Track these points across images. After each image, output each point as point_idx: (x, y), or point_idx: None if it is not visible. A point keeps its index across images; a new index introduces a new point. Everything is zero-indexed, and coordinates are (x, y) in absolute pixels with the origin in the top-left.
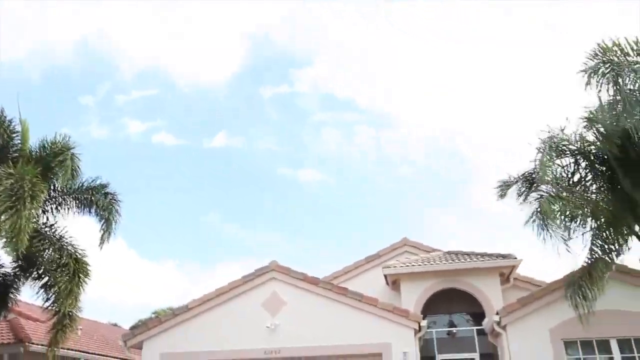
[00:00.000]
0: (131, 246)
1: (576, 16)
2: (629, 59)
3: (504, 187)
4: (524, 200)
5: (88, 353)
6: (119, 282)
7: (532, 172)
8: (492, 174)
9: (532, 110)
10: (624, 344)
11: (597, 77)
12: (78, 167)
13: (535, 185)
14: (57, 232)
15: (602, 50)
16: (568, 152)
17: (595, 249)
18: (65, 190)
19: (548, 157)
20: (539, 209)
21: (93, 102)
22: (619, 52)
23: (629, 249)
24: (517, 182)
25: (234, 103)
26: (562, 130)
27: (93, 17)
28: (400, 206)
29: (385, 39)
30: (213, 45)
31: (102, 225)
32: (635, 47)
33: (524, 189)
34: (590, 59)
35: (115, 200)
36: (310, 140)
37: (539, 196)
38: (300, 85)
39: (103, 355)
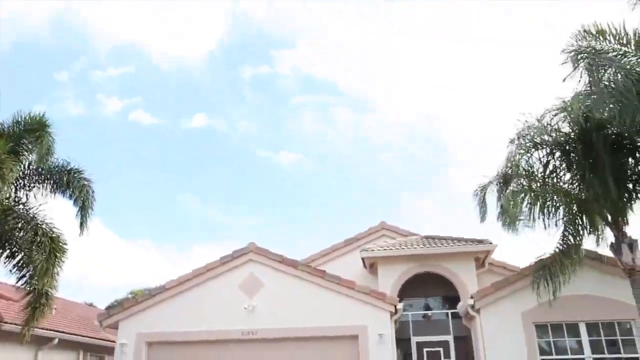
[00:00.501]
0: (107, 226)
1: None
2: (609, 46)
3: (481, 202)
4: (499, 197)
5: (63, 332)
6: (95, 262)
7: (506, 166)
8: (470, 160)
9: (518, 101)
10: (592, 328)
11: (574, 65)
12: (52, 144)
13: (509, 179)
14: (31, 211)
15: (585, 35)
16: (543, 143)
17: (568, 235)
18: (39, 169)
19: (524, 149)
20: (502, 206)
21: (68, 78)
22: (601, 38)
23: (604, 240)
24: (493, 182)
25: (213, 83)
26: (539, 120)
27: None
28: (379, 190)
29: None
30: (192, 22)
31: (77, 212)
32: (615, 34)
33: (500, 186)
34: (577, 41)
35: (90, 187)
36: (290, 122)
37: (510, 190)
38: (280, 66)
39: (78, 335)
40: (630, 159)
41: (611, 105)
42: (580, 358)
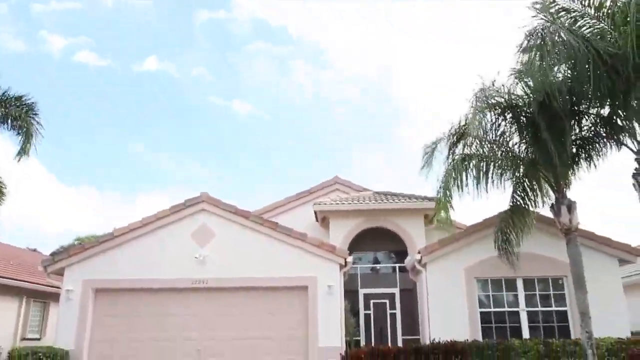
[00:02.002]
0: (51, 171)
1: None
2: (572, 5)
3: (428, 161)
4: (447, 157)
5: (4, 277)
6: (38, 208)
7: (458, 128)
8: (424, 117)
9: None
10: (528, 283)
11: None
12: None
13: (461, 140)
14: None
15: None
16: (497, 105)
17: (517, 197)
18: None
19: (479, 110)
20: (453, 168)
21: (7, 9)
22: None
23: (549, 201)
24: (442, 140)
25: (164, 25)
26: (493, 83)
27: None
28: (334, 144)
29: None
30: None
31: (20, 138)
32: None
33: (450, 146)
34: None
35: (33, 111)
36: (244, 71)
37: (459, 154)
38: (236, 12)
39: (21, 280)
40: (575, 124)
41: (566, 71)
42: (515, 310)
